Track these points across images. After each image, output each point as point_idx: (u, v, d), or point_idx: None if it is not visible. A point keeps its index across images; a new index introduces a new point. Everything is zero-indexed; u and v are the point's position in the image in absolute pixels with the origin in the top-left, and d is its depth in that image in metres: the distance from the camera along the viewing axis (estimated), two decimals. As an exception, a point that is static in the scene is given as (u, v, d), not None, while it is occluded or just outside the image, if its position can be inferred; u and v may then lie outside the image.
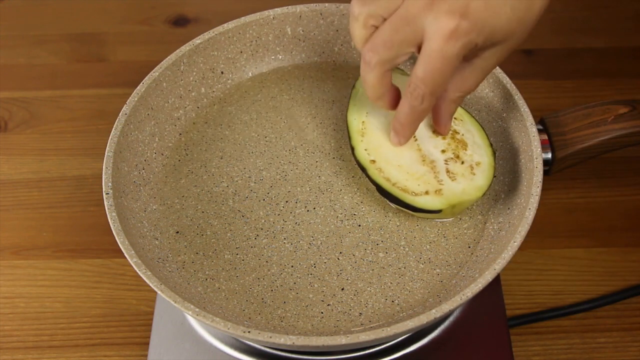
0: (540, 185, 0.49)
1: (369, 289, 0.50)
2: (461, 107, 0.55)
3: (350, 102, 0.55)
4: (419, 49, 0.43)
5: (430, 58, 0.42)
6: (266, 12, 0.59)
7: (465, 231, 0.52)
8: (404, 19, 0.43)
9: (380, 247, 0.52)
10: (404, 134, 0.50)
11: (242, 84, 0.61)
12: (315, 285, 0.50)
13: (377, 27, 0.45)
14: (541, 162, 0.50)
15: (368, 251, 0.52)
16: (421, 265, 0.51)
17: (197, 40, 0.57)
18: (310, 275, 0.51)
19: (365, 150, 0.53)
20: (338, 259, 0.51)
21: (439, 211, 0.51)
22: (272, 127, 0.58)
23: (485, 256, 0.50)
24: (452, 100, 0.49)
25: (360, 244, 0.52)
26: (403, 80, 0.56)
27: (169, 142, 0.57)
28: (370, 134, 0.54)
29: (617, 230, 0.63)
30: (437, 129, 0.52)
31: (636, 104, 0.54)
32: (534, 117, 0.53)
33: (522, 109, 0.53)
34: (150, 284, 0.46)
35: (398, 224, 0.53)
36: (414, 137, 0.53)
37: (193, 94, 0.59)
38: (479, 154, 0.52)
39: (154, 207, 0.54)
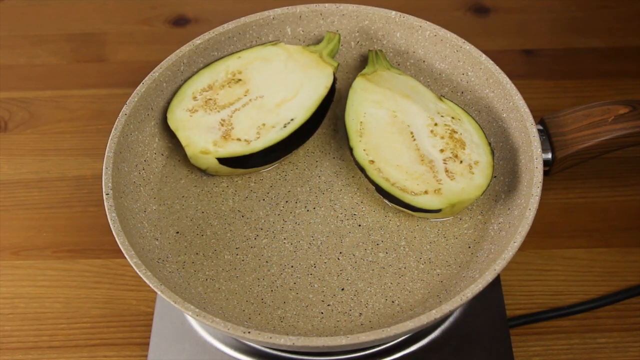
0: (540, 185, 0.49)
1: (369, 289, 0.50)
2: (459, 107, 0.55)
3: (348, 102, 0.55)
4: None
5: None
6: (266, 12, 0.59)
7: (465, 231, 0.52)
8: None
9: (381, 247, 0.52)
10: None
11: (242, 84, 0.61)
12: (316, 286, 0.50)
13: None
14: (541, 162, 0.50)
15: (368, 251, 0.52)
16: (421, 265, 0.51)
17: (197, 41, 0.57)
18: (310, 276, 0.51)
19: (364, 150, 0.53)
20: (338, 259, 0.51)
21: (438, 210, 0.51)
22: (272, 127, 0.58)
23: (486, 256, 0.50)
24: None
25: (360, 244, 0.52)
26: (402, 80, 0.56)
27: (169, 142, 0.57)
28: (369, 134, 0.54)
29: (617, 230, 0.63)
30: None
31: (636, 104, 0.54)
32: (534, 117, 0.52)
33: (522, 109, 0.53)
34: (150, 285, 0.46)
35: (398, 224, 0.53)
36: (412, 136, 0.53)
37: (193, 94, 0.59)
38: (477, 153, 0.52)
39: (154, 208, 0.54)
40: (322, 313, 0.49)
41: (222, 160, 0.53)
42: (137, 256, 0.47)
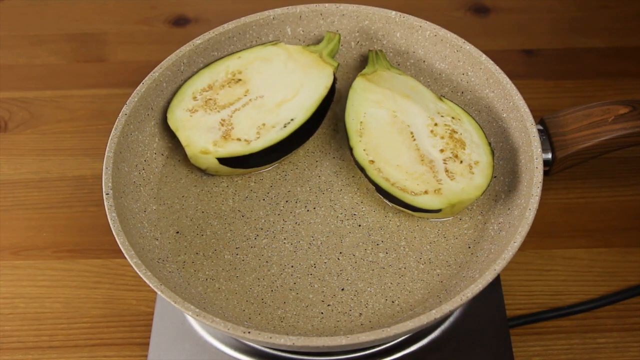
0: (540, 185, 0.49)
1: (369, 289, 0.50)
2: (459, 107, 0.55)
3: (348, 102, 0.55)
4: None
5: None
6: (266, 12, 0.59)
7: (465, 231, 0.52)
8: None
9: (381, 247, 0.52)
10: None
11: (242, 84, 0.61)
12: (316, 286, 0.50)
13: None
14: (541, 162, 0.50)
15: (368, 251, 0.52)
16: (421, 265, 0.51)
17: (197, 41, 0.57)
18: (310, 276, 0.51)
19: (364, 150, 0.53)
20: (338, 259, 0.51)
21: (438, 210, 0.51)
22: (272, 127, 0.58)
23: (486, 256, 0.50)
24: None
25: (360, 244, 0.52)
26: (402, 80, 0.56)
27: (169, 142, 0.57)
28: (369, 134, 0.54)
29: (617, 230, 0.63)
30: None
31: (636, 104, 0.54)
32: (534, 117, 0.52)
33: (522, 109, 0.53)
34: (150, 285, 0.46)
35: (398, 224, 0.53)
36: (412, 136, 0.53)
37: (193, 94, 0.59)
38: (477, 153, 0.52)
39: (154, 207, 0.54)
40: (322, 313, 0.49)
41: (222, 160, 0.53)
42: (137, 256, 0.47)
